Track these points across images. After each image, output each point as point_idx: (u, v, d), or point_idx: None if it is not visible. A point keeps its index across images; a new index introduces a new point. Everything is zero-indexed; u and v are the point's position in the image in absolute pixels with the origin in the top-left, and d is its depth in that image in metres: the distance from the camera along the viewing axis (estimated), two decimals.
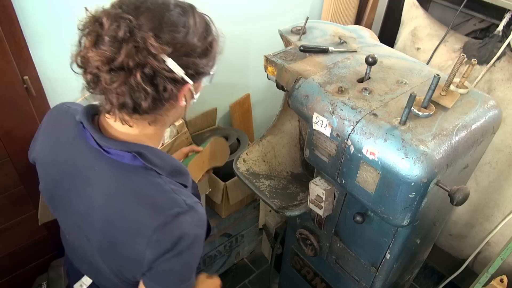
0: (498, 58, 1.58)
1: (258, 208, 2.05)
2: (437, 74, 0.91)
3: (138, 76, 0.66)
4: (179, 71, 0.71)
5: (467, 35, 1.78)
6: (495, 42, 1.59)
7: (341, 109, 1.01)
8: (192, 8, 0.75)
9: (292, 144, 1.73)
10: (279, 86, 1.26)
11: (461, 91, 1.06)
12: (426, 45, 1.80)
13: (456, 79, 1.08)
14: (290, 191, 1.61)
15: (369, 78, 1.12)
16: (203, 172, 1.33)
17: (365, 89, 1.06)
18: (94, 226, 0.79)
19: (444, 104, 1.00)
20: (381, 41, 1.38)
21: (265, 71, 1.26)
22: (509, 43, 1.55)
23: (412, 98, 0.89)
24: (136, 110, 0.71)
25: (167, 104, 0.74)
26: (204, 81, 0.83)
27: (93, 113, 0.79)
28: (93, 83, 0.69)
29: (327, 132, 1.04)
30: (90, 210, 0.79)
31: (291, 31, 1.35)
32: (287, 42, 1.36)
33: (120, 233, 0.76)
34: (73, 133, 0.80)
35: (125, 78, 0.67)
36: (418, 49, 1.83)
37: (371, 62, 1.06)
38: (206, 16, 0.78)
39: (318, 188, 1.19)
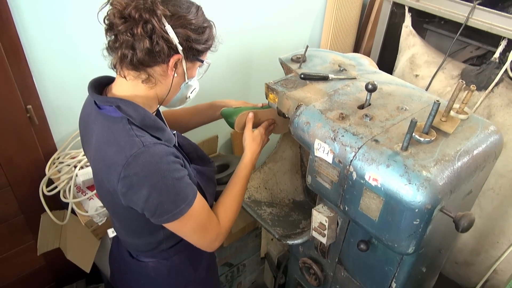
0: (496, 84, 1.60)
1: (260, 236, 2.02)
2: (437, 100, 0.92)
3: (140, 27, 0.85)
4: (173, 36, 0.89)
5: (464, 62, 1.80)
6: (492, 69, 1.61)
7: (343, 136, 1.01)
8: (199, 5, 0.96)
9: (294, 171, 1.73)
10: (281, 113, 1.27)
11: (462, 116, 1.06)
12: (424, 72, 1.82)
13: (456, 105, 1.09)
14: (292, 218, 1.59)
15: (370, 104, 1.13)
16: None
17: (366, 115, 1.06)
18: (93, 170, 1.01)
19: (445, 130, 1.01)
20: (380, 68, 1.40)
21: (266, 98, 1.28)
22: (506, 70, 1.57)
23: (413, 124, 0.89)
24: (132, 62, 0.89)
25: (159, 64, 0.92)
26: (198, 69, 1.02)
27: (105, 84, 1.01)
28: (109, 31, 0.89)
29: (329, 158, 1.04)
30: (92, 156, 0.98)
31: (292, 59, 1.37)
32: (287, 70, 1.38)
33: (100, 171, 0.94)
34: (90, 100, 1.01)
35: (130, 26, 0.85)
36: (416, 75, 1.85)
37: (371, 88, 1.07)
38: (210, 20, 0.98)
39: (320, 215, 1.17)
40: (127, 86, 0.96)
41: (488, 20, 1.58)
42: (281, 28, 2.13)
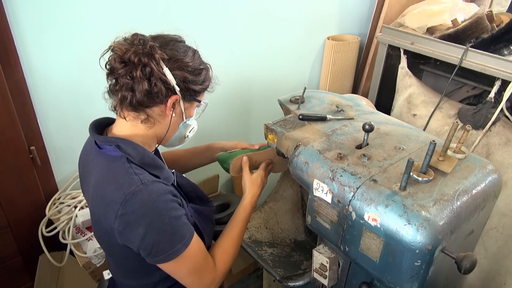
0: (494, 123, 1.61)
1: (262, 277, 1.98)
2: (433, 140, 0.93)
3: (139, 70, 0.89)
4: (171, 78, 0.93)
5: (461, 101, 1.83)
6: (488, 108, 1.63)
7: (341, 175, 1.01)
8: (195, 49, 1.01)
9: (295, 210, 1.71)
10: (280, 154, 1.28)
11: (459, 156, 1.07)
12: (421, 112, 1.85)
13: (453, 144, 1.10)
14: (294, 259, 1.56)
15: (367, 144, 1.13)
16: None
17: (364, 155, 1.07)
18: (90, 209, 1.00)
19: (443, 169, 1.01)
20: (377, 109, 1.43)
21: (266, 138, 1.29)
22: (502, 109, 1.59)
23: (410, 164, 0.90)
24: (132, 103, 0.92)
25: (158, 105, 0.95)
26: (196, 109, 1.06)
27: (106, 125, 1.05)
28: (110, 75, 0.94)
29: (328, 198, 1.03)
30: (90, 195, 0.98)
31: (290, 100, 1.40)
32: (286, 111, 1.40)
33: (98, 209, 0.94)
34: (91, 140, 1.04)
35: (130, 69, 0.90)
36: (414, 115, 1.88)
37: (368, 129, 1.08)
38: (207, 63, 1.03)
39: (321, 256, 1.15)
40: (126, 127, 0.98)
41: (481, 61, 1.63)
42: (280, 70, 2.19)
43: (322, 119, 1.27)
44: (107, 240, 0.99)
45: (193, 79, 0.97)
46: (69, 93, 1.51)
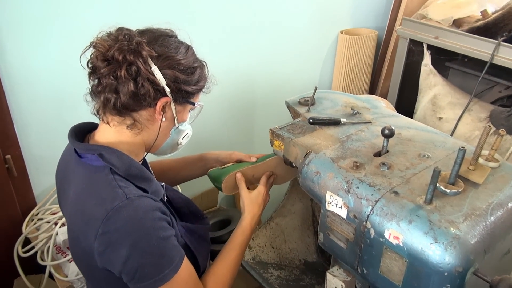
0: None
1: None
2: (462, 147, 0.92)
3: (124, 69, 0.88)
4: (160, 78, 0.92)
5: (492, 102, 1.83)
6: None
7: (358, 187, 1.01)
8: (188, 45, 1.00)
9: (305, 227, 1.71)
10: (287, 162, 1.27)
11: (492, 164, 1.06)
12: (448, 115, 1.84)
13: (485, 152, 1.09)
14: (304, 283, 1.55)
15: (387, 151, 1.13)
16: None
17: (383, 163, 1.06)
18: (68, 226, 1.01)
19: (474, 180, 1.00)
20: (398, 111, 1.42)
21: (271, 145, 1.29)
22: None
23: (436, 174, 0.89)
24: (116, 106, 0.92)
25: (145, 108, 0.95)
26: (191, 113, 1.06)
27: (87, 131, 1.04)
28: (92, 75, 0.93)
29: (342, 213, 1.03)
30: (68, 210, 0.98)
31: (299, 102, 1.40)
32: (294, 114, 1.40)
33: (76, 227, 0.93)
34: (70, 148, 1.04)
35: (113, 68, 0.89)
36: (440, 118, 1.87)
37: (388, 134, 1.08)
38: (203, 61, 1.03)
39: (336, 279, 1.14)
40: (110, 133, 0.98)
41: None
42: (287, 68, 2.19)
43: (335, 123, 1.27)
44: (86, 262, 0.97)
45: (186, 79, 0.97)
46: (51, 96, 1.52)
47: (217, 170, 1.34)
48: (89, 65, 0.94)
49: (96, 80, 0.94)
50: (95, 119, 1.02)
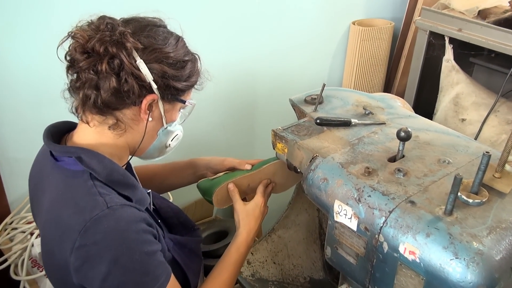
0: None
1: None
2: (487, 152, 0.92)
3: (105, 62, 0.88)
4: (146, 73, 0.92)
5: None
6: None
7: (369, 196, 1.01)
8: (179, 36, 1.00)
9: (310, 241, 1.71)
10: (291, 167, 1.27)
11: None
12: (472, 116, 1.84)
13: None
14: None
15: (403, 156, 1.13)
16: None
17: (399, 170, 1.06)
18: (42, 238, 0.99)
19: (500, 189, 1.00)
20: (416, 112, 1.43)
21: (274, 148, 1.29)
22: None
23: (457, 182, 0.89)
24: (96, 104, 0.91)
25: (129, 107, 0.94)
26: (181, 111, 1.06)
27: (65, 131, 1.04)
28: (71, 69, 0.93)
29: (352, 225, 1.03)
30: (42, 220, 0.97)
31: (305, 100, 1.40)
32: (300, 114, 1.40)
33: (51, 239, 0.93)
34: (45, 150, 1.03)
35: (93, 62, 0.89)
36: (462, 120, 1.87)
37: (404, 136, 1.08)
38: (195, 53, 1.03)
39: None
40: (90, 134, 0.98)
41: None
42: (293, 63, 2.20)
43: (346, 124, 1.27)
44: (60, 278, 0.97)
45: (175, 74, 0.97)
46: (26, 92, 1.52)
47: (207, 181, 1.33)
48: (67, 58, 0.93)
49: (75, 75, 0.93)
50: (75, 118, 1.02)
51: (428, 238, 0.90)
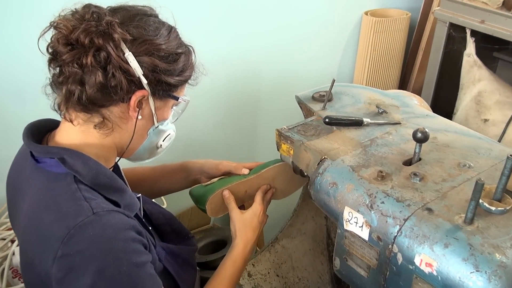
0: None
1: None
2: (511, 155, 0.92)
3: (91, 55, 0.88)
4: (136, 67, 0.91)
5: None
6: None
7: (383, 202, 1.01)
8: (171, 26, 1.00)
9: (317, 251, 1.71)
10: (297, 171, 1.27)
11: None
12: (496, 116, 1.84)
13: None
14: None
15: (420, 159, 1.13)
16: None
17: (415, 174, 1.07)
18: (20, 246, 0.99)
19: None
20: (434, 111, 1.43)
21: (278, 149, 1.29)
22: None
23: (479, 187, 0.89)
24: (81, 101, 0.91)
25: (117, 104, 0.94)
26: (174, 109, 1.06)
27: (47, 130, 1.03)
28: (53, 62, 0.92)
29: (364, 234, 1.03)
30: (21, 227, 0.96)
31: (313, 97, 1.40)
32: (307, 112, 1.40)
33: (31, 247, 0.92)
34: (25, 151, 1.02)
35: (78, 54, 0.88)
36: (485, 121, 1.87)
37: (421, 138, 1.08)
38: (189, 45, 1.03)
39: None
40: (74, 133, 0.97)
41: None
42: (299, 56, 2.20)
43: (357, 123, 1.27)
44: None
45: (168, 68, 0.97)
46: (8, 87, 1.52)
47: (200, 188, 1.33)
48: (49, 50, 0.93)
49: (58, 69, 0.93)
50: (58, 116, 1.02)
51: (446, 249, 0.90)
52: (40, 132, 1.02)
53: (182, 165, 1.40)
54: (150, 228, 1.09)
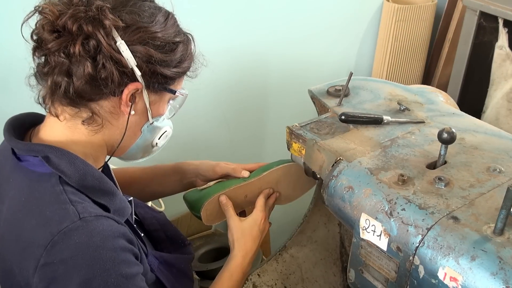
0: None
1: None
2: None
3: (79, 44, 0.87)
4: (128, 57, 0.90)
5: None
6: None
7: (403, 209, 1.01)
8: (168, 12, 0.99)
9: (329, 262, 1.71)
10: (309, 172, 1.27)
11: None
12: None
13: None
14: None
15: (445, 162, 1.13)
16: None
17: (439, 178, 1.06)
18: None
19: None
20: (461, 109, 1.42)
21: (288, 149, 1.29)
22: None
23: (510, 195, 0.89)
24: (68, 94, 0.90)
25: (108, 97, 0.94)
26: (171, 103, 1.06)
27: (30, 125, 1.03)
28: (37, 51, 0.92)
29: (382, 244, 1.03)
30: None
31: (328, 92, 1.40)
32: (321, 108, 1.40)
33: (10, 254, 0.91)
34: (5, 148, 1.01)
35: (64, 43, 0.88)
36: None
37: (447, 138, 1.08)
38: (188, 33, 1.02)
39: None
40: (60, 129, 0.97)
41: None
42: (313, 47, 2.20)
43: (376, 121, 1.27)
44: None
45: (164, 59, 0.96)
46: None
47: (195, 193, 1.32)
48: (34, 38, 0.92)
49: (43, 58, 0.93)
50: (42, 110, 1.01)
51: (473, 262, 0.90)
52: (21, 127, 1.02)
53: (176, 167, 1.40)
54: (142, 235, 1.09)
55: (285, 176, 1.34)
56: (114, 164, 1.17)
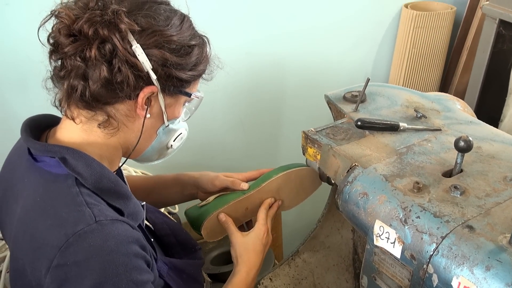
0: None
1: None
2: None
3: (95, 48, 0.88)
4: (144, 60, 0.91)
5: None
6: None
7: (418, 217, 1.00)
8: (184, 15, 1.00)
9: (342, 268, 1.70)
10: (324, 178, 1.27)
11: None
12: None
13: None
14: None
15: (461, 171, 1.12)
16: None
17: (455, 187, 1.06)
18: (11, 253, 0.99)
19: None
20: (478, 117, 1.41)
21: (303, 154, 1.29)
22: None
23: None
24: (84, 97, 0.91)
25: (123, 101, 0.94)
26: (186, 106, 1.06)
27: (46, 126, 1.04)
28: (54, 54, 0.93)
29: (395, 251, 1.02)
30: (13, 232, 0.96)
31: (344, 97, 1.40)
32: (337, 113, 1.40)
33: (22, 255, 0.92)
34: (20, 147, 1.03)
35: (81, 47, 0.89)
36: None
37: (463, 147, 1.07)
38: (204, 36, 1.03)
39: None
40: (76, 131, 0.98)
41: None
42: (330, 52, 2.20)
43: (393, 128, 1.26)
44: None
45: (179, 62, 0.96)
46: (1, 80, 1.54)
47: (194, 210, 1.31)
48: (50, 41, 0.93)
49: (59, 61, 0.94)
50: (59, 113, 1.01)
51: (488, 272, 0.89)
52: (38, 128, 1.02)
53: (176, 178, 1.39)
54: (153, 240, 1.09)
55: (285, 183, 1.33)
56: (130, 165, 1.18)
